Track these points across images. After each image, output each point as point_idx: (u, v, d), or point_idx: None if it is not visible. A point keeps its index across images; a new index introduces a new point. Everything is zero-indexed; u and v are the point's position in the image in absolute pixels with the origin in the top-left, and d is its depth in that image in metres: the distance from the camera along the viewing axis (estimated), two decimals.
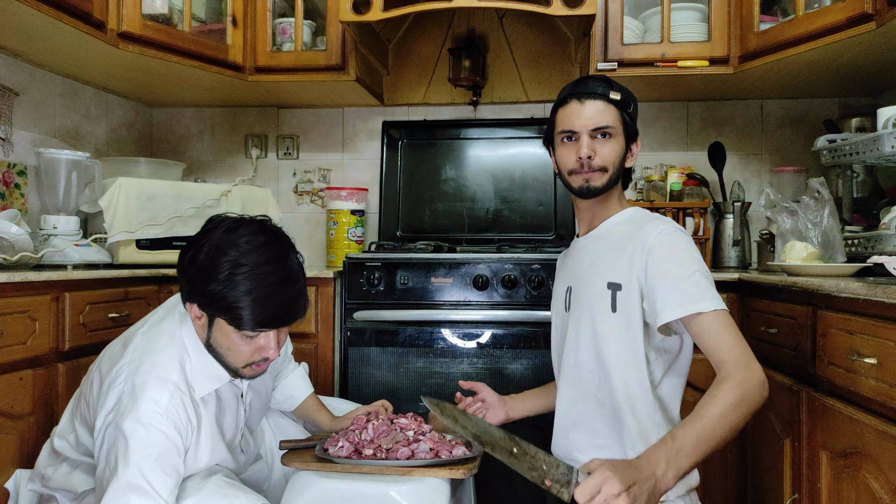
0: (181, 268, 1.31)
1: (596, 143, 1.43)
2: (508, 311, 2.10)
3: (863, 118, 2.31)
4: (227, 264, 1.24)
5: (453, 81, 2.71)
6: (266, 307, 1.25)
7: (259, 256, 1.26)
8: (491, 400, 1.66)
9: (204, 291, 1.25)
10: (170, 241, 2.24)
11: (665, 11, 2.26)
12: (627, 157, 1.49)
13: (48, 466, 1.49)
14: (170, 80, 2.47)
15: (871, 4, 1.80)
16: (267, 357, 1.32)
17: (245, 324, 1.25)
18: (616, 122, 1.44)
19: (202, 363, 1.34)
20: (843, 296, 1.36)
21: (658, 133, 2.73)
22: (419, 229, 2.74)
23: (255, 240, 1.28)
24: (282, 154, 2.91)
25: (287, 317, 1.30)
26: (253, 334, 1.28)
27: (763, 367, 1.20)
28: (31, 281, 1.61)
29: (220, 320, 1.27)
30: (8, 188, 2.14)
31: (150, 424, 1.23)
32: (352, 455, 1.44)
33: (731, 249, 2.43)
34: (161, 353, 1.32)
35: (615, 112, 1.44)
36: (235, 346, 1.30)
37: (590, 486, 1.04)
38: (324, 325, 2.21)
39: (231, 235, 1.27)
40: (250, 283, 1.24)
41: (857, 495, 1.30)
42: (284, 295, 1.27)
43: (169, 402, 1.26)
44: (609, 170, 1.44)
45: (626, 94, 1.48)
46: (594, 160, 1.42)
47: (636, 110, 1.51)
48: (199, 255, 1.27)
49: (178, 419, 1.27)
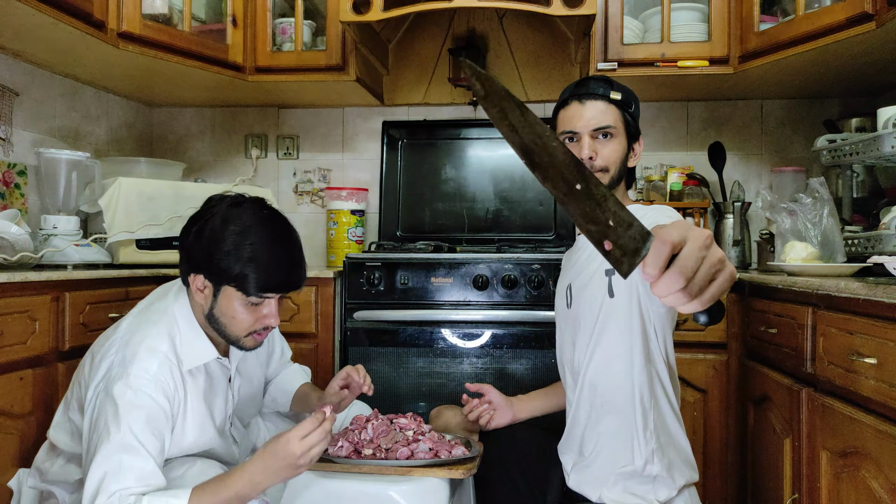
0: (185, 242, 1.38)
1: (597, 143, 1.43)
2: (508, 311, 2.10)
3: (863, 118, 2.31)
4: (234, 234, 1.33)
5: (453, 81, 2.71)
6: (271, 273, 1.34)
7: (264, 227, 1.36)
8: (498, 401, 1.66)
9: (211, 261, 1.33)
10: (170, 241, 2.24)
11: (665, 11, 2.26)
12: (630, 156, 1.48)
13: (45, 461, 1.51)
14: (170, 80, 2.47)
15: (871, 4, 1.80)
16: (268, 325, 1.39)
17: (251, 289, 1.33)
18: (617, 122, 1.44)
19: (192, 338, 1.40)
20: (842, 296, 1.36)
21: (658, 133, 2.73)
22: (419, 229, 2.74)
23: (259, 213, 1.38)
24: (282, 154, 2.91)
25: (290, 284, 1.38)
26: (257, 301, 1.35)
27: (763, 367, 1.21)
28: (31, 281, 1.61)
29: (227, 288, 1.34)
30: (8, 188, 2.14)
31: (140, 389, 1.28)
32: (351, 455, 1.44)
33: (731, 249, 2.43)
34: (152, 327, 1.38)
35: (616, 112, 1.44)
36: (239, 314, 1.36)
37: (670, 241, 0.70)
38: (324, 325, 2.21)
39: (236, 209, 1.36)
40: (257, 250, 1.32)
41: (856, 495, 1.30)
42: (288, 263, 1.37)
43: (158, 370, 1.32)
44: (610, 170, 1.44)
45: (628, 93, 1.48)
46: (595, 161, 1.42)
47: (638, 109, 1.51)
48: (206, 227, 1.35)
49: (167, 386, 1.33)
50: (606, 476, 1.40)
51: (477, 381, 2.08)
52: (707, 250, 0.72)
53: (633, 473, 1.38)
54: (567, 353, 1.51)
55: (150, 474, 1.24)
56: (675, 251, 0.70)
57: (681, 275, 0.69)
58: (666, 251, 0.69)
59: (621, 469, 1.39)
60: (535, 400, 1.69)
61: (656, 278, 0.70)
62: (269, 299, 1.37)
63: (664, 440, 1.39)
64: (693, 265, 0.70)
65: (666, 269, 0.69)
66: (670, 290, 0.70)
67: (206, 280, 1.36)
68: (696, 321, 0.79)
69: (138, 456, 1.24)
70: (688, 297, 0.71)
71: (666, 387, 1.41)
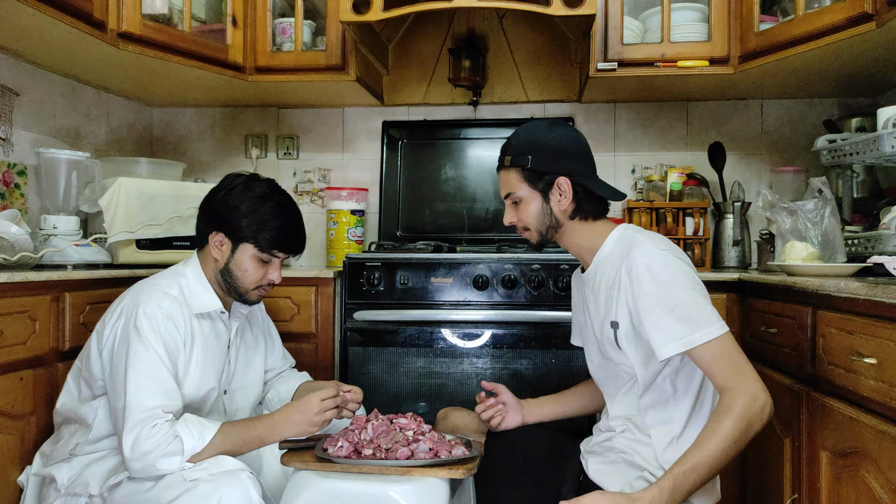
0: (211, 205, 1.61)
1: (513, 209, 1.52)
2: (508, 311, 2.10)
3: (863, 118, 2.31)
4: (256, 199, 1.57)
5: (453, 81, 2.71)
6: (283, 235, 1.58)
7: (280, 197, 1.61)
8: (510, 403, 1.66)
9: (235, 219, 1.55)
10: (170, 241, 2.24)
11: (665, 11, 2.26)
12: (553, 203, 1.45)
13: (48, 445, 1.59)
14: (170, 80, 2.47)
15: (871, 4, 1.80)
16: (272, 281, 1.62)
17: (265, 246, 1.56)
18: (517, 184, 1.47)
19: (199, 290, 1.59)
20: (842, 296, 1.36)
21: (658, 133, 2.73)
22: (419, 229, 2.74)
23: (273, 187, 1.63)
24: (282, 154, 2.91)
25: (295, 247, 1.63)
26: (267, 259, 1.58)
27: (763, 367, 1.21)
28: (31, 281, 1.61)
29: (244, 244, 1.56)
30: (8, 188, 2.14)
31: (155, 317, 1.48)
32: (351, 455, 1.44)
33: (731, 249, 2.43)
34: (162, 278, 1.60)
35: (515, 176, 1.47)
36: (250, 268, 1.58)
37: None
38: (324, 325, 2.21)
39: (255, 182, 1.61)
40: (273, 215, 1.57)
41: (856, 495, 1.30)
42: (296, 229, 1.63)
43: (170, 306, 1.51)
44: (531, 227, 1.50)
45: (518, 149, 1.46)
46: (517, 224, 1.52)
47: (543, 153, 1.44)
48: (231, 193, 1.58)
49: (178, 321, 1.52)
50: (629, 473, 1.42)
51: (477, 381, 2.09)
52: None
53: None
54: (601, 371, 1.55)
55: (173, 391, 1.45)
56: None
57: None
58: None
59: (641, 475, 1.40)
60: (545, 405, 1.69)
61: None
62: (276, 259, 1.60)
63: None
64: None
65: None
66: None
67: (227, 237, 1.57)
68: None
69: (162, 375, 1.44)
70: None
71: (693, 405, 1.41)
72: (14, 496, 1.60)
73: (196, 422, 1.42)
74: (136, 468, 1.37)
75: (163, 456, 1.36)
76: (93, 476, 1.46)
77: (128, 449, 1.36)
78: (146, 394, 1.40)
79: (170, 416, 1.41)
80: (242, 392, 1.72)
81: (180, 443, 1.37)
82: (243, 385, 1.72)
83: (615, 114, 2.75)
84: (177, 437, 1.37)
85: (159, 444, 1.36)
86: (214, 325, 1.62)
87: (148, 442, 1.36)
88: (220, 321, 1.64)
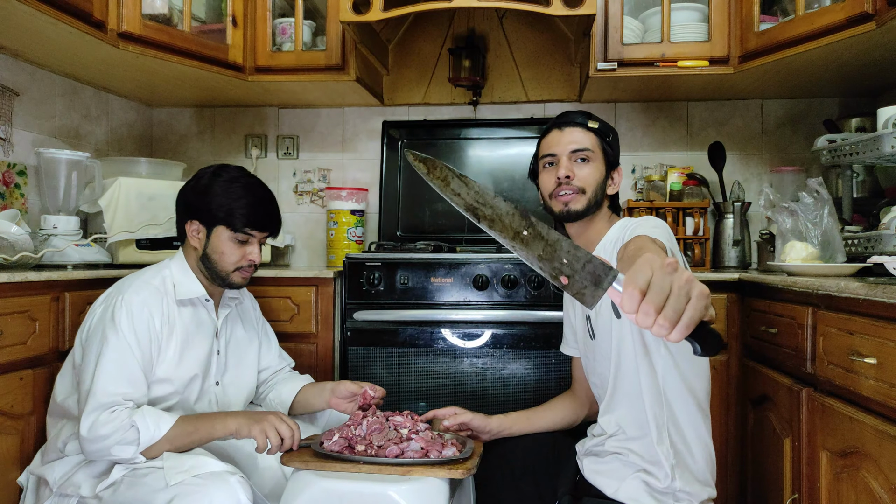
0: (183, 197, 1.65)
1: (574, 165, 1.50)
2: (508, 311, 2.10)
3: (863, 118, 2.31)
4: (223, 182, 1.61)
5: (453, 81, 2.71)
6: (255, 211, 1.61)
7: (247, 178, 1.65)
8: (477, 424, 1.61)
9: (205, 204, 1.60)
10: (170, 241, 2.24)
11: (665, 11, 2.26)
12: (609, 183, 1.54)
13: (48, 443, 1.59)
14: (170, 80, 2.47)
15: (871, 4, 1.80)
16: (252, 262, 1.64)
17: (238, 225, 1.59)
18: (594, 147, 1.51)
19: (182, 278, 1.64)
20: (842, 296, 1.36)
21: (658, 133, 2.73)
22: (419, 229, 2.74)
23: (241, 171, 1.67)
24: (282, 154, 2.91)
25: (269, 224, 1.66)
26: (243, 238, 1.61)
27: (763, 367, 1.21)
28: (31, 281, 1.61)
29: (218, 228, 1.60)
30: (8, 188, 2.14)
31: (131, 307, 1.52)
32: (344, 449, 1.45)
33: (731, 249, 2.43)
34: (147, 271, 1.64)
35: (594, 138, 1.52)
36: (227, 249, 1.61)
37: (643, 268, 0.75)
38: (324, 325, 2.21)
39: (223, 169, 1.65)
40: (243, 192, 1.61)
41: (856, 495, 1.30)
42: (268, 206, 1.65)
43: (148, 295, 1.56)
44: (587, 192, 1.49)
45: (606, 125, 1.56)
46: (572, 180, 1.49)
47: (616, 141, 1.57)
48: (200, 181, 1.63)
49: (155, 310, 1.56)
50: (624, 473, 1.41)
51: (477, 381, 2.09)
52: (672, 275, 0.74)
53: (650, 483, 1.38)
54: (594, 377, 1.55)
55: (139, 381, 1.49)
56: (645, 287, 0.73)
57: (651, 305, 0.72)
58: (635, 292, 0.72)
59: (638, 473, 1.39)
60: (518, 421, 1.65)
61: (635, 313, 0.73)
62: (253, 238, 1.63)
63: (681, 458, 1.37)
64: (661, 294, 0.73)
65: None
66: (647, 322, 0.72)
67: (201, 224, 1.62)
68: (695, 353, 0.79)
69: (129, 364, 1.48)
70: (668, 324, 0.72)
71: (685, 404, 1.39)
72: (14, 496, 1.60)
73: (153, 413, 1.45)
74: (90, 450, 1.42)
75: (118, 443, 1.41)
76: (84, 477, 1.47)
77: (85, 429, 1.41)
78: (111, 379, 1.45)
79: (130, 403, 1.45)
80: (235, 386, 1.74)
81: (136, 432, 1.41)
82: (236, 379, 1.74)
83: (615, 114, 2.75)
84: (133, 427, 1.41)
85: (115, 431, 1.40)
86: (197, 312, 1.65)
87: (105, 427, 1.40)
88: (204, 309, 1.67)
